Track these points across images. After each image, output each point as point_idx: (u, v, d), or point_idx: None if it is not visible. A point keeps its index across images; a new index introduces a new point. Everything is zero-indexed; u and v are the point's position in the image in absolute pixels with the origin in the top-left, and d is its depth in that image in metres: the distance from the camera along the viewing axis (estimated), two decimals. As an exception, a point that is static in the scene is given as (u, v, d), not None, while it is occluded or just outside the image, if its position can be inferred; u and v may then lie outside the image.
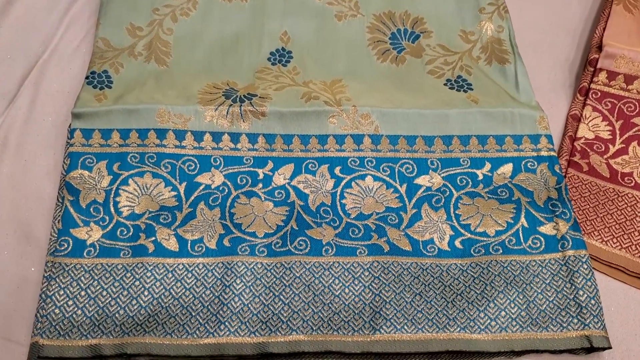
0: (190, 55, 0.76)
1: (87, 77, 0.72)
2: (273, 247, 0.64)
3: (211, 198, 0.66)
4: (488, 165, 0.69)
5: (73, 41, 0.79)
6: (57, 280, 0.61)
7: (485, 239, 0.66)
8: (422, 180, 0.69)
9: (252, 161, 0.69)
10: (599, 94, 0.75)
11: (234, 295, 0.61)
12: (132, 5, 0.78)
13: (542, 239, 0.65)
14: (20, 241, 0.65)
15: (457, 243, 0.65)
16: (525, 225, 0.66)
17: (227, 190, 0.67)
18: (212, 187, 0.67)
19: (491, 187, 0.68)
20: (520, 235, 0.66)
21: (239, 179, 0.68)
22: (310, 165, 0.69)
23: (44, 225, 0.66)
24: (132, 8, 0.78)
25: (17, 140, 0.71)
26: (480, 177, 0.69)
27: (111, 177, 0.66)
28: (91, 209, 0.65)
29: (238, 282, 0.62)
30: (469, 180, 0.69)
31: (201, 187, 0.67)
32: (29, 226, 0.66)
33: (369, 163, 0.69)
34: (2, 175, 0.69)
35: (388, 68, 0.77)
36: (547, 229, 0.66)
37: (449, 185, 0.68)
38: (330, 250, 0.64)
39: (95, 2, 0.82)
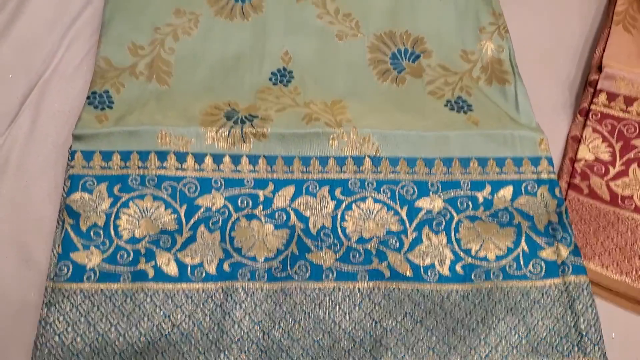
0: (192, 75, 0.76)
1: (88, 98, 0.72)
2: (273, 272, 0.64)
3: (211, 221, 0.66)
4: (488, 188, 0.69)
5: (74, 59, 0.79)
6: (57, 306, 0.61)
7: (485, 263, 0.66)
8: (423, 203, 0.69)
9: (252, 183, 0.69)
10: (599, 115, 0.75)
11: (233, 323, 0.61)
12: (134, 24, 0.78)
13: (542, 264, 0.65)
14: (20, 265, 0.65)
15: (458, 268, 0.65)
16: (526, 249, 0.66)
17: (227, 213, 0.67)
18: (213, 209, 0.67)
19: (492, 211, 0.68)
20: (521, 260, 0.66)
21: (239, 201, 0.68)
22: (310, 187, 0.69)
23: (44, 249, 0.66)
24: (134, 27, 0.78)
25: (17, 161, 0.71)
26: (481, 199, 0.69)
27: (112, 199, 0.66)
28: (91, 233, 0.65)
29: (238, 309, 0.62)
30: (470, 203, 0.69)
31: (201, 210, 0.67)
32: (28, 250, 0.66)
33: (370, 185, 0.69)
34: (2, 197, 0.69)
35: (388, 88, 0.77)
36: (547, 253, 0.66)
37: (450, 208, 0.68)
38: (331, 275, 0.64)
39: (97, 20, 0.82)
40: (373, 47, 0.80)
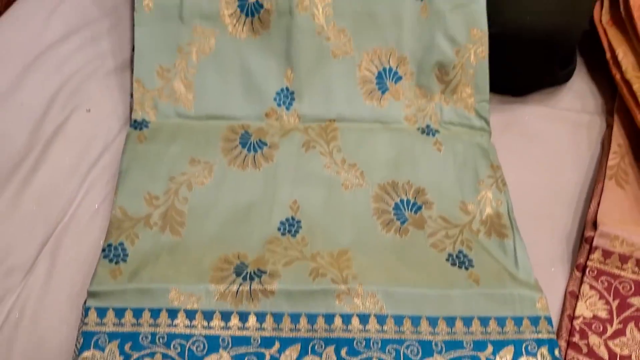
0: (204, 226, 0.79)
1: (103, 250, 0.75)
2: None
3: None
4: (490, 348, 0.71)
5: (91, 206, 0.82)
6: None
7: None
8: (427, 364, 0.70)
9: (259, 341, 0.70)
10: (595, 272, 0.78)
11: None
12: (150, 173, 0.83)
13: None
14: None
15: None
16: None
17: None
18: None
19: None
20: None
21: None
22: (317, 346, 0.70)
23: None
24: (150, 176, 0.82)
25: (32, 315, 0.73)
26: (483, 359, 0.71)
27: (122, 357, 0.68)
28: None
29: None
30: None
31: None
32: None
33: (375, 345, 0.71)
34: (15, 353, 0.70)
35: (392, 239, 0.80)
36: None
37: None
38: None
39: (114, 166, 0.86)
40: (377, 197, 0.84)
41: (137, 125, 0.88)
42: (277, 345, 0.70)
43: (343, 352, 0.70)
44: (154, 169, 0.83)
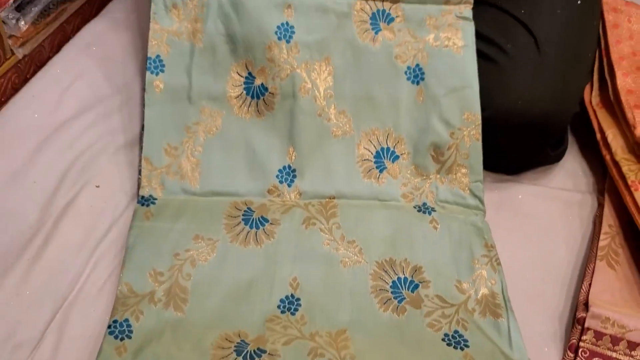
0: (206, 303, 0.81)
1: (109, 326, 0.77)
2: None
3: None
4: None
5: (98, 281, 0.85)
6: None
7: None
8: None
9: None
10: (588, 353, 0.80)
11: None
12: (156, 250, 0.85)
13: None
14: None
15: None
16: None
17: None
18: None
19: None
20: None
21: None
22: None
23: None
24: (156, 253, 0.85)
25: None
26: None
27: None
28: None
29: None
30: None
31: None
32: None
33: None
34: None
35: (390, 319, 0.82)
36: None
37: None
38: None
39: (122, 241, 0.89)
40: (375, 274, 0.87)
41: (144, 201, 0.91)
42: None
43: None
44: (159, 246, 0.86)
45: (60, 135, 0.98)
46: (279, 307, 0.82)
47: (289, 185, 0.95)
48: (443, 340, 0.80)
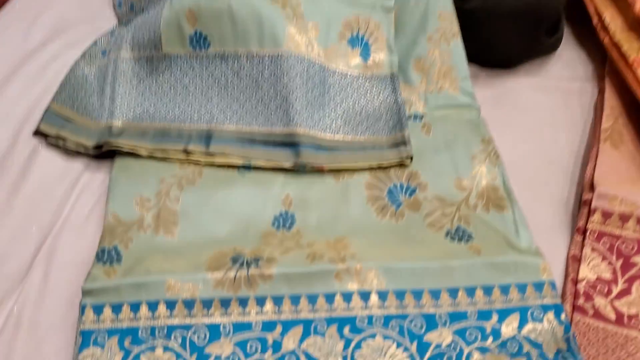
0: (197, 225, 0.78)
1: (97, 255, 0.74)
2: None
3: None
4: (495, 317, 0.70)
5: (84, 209, 0.82)
6: None
7: None
8: (432, 337, 0.69)
9: (260, 326, 0.69)
10: (596, 234, 0.77)
11: None
12: (140, 177, 0.82)
13: None
14: None
15: None
16: None
17: None
18: (222, 357, 0.67)
19: (500, 340, 0.69)
20: None
21: (248, 347, 0.68)
22: (319, 326, 0.69)
23: None
24: (141, 180, 0.82)
25: (29, 319, 0.72)
26: (489, 329, 0.69)
27: (123, 353, 0.67)
28: None
29: None
30: (478, 334, 0.69)
31: (211, 359, 0.67)
32: None
33: (378, 321, 0.70)
34: (15, 356, 0.69)
35: (388, 224, 0.79)
36: None
37: (459, 341, 0.68)
38: None
39: (106, 169, 0.85)
40: (369, 184, 0.83)
41: None
42: (279, 328, 0.69)
43: (346, 331, 0.69)
44: (144, 173, 0.82)
45: (29, 64, 0.93)
46: (273, 224, 0.79)
47: None
48: (446, 236, 0.77)
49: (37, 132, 0.86)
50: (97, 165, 0.86)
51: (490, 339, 0.69)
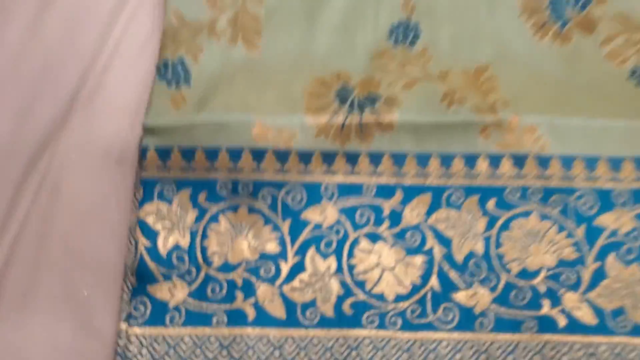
0: (288, 36, 0.59)
1: (158, 70, 0.56)
2: (409, 316, 0.50)
3: (323, 242, 0.52)
4: None
5: (141, 31, 0.61)
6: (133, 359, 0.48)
7: None
8: (607, 220, 0.52)
9: (374, 190, 0.53)
10: None
11: None
12: None
13: None
14: (76, 333, 0.52)
15: None
16: None
17: (343, 231, 0.52)
18: (324, 226, 0.52)
19: None
20: None
21: (358, 216, 0.52)
22: (453, 196, 0.53)
23: (107, 307, 0.52)
24: None
25: (69, 184, 0.55)
26: None
27: (197, 211, 0.52)
28: (173, 258, 0.51)
29: None
30: None
31: (310, 227, 0.52)
32: (86, 311, 0.52)
33: (534, 195, 0.53)
34: (54, 238, 0.54)
35: (550, 48, 0.59)
36: None
37: None
38: (487, 324, 0.50)
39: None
40: None
41: None
42: (399, 195, 0.53)
43: (490, 205, 0.53)
44: None
45: None
46: (390, 36, 0.59)
47: None
48: (631, 77, 0.57)
49: None
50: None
51: None
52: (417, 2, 0.60)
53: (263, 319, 0.50)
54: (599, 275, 0.51)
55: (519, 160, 0.53)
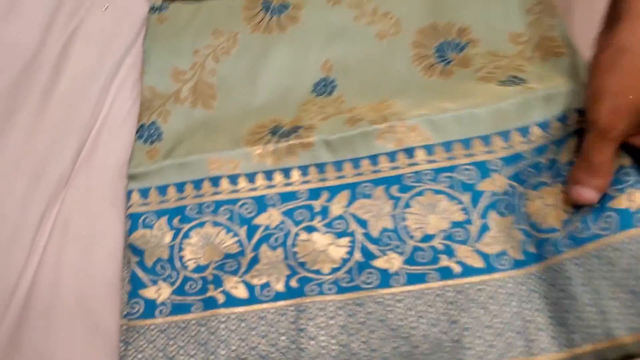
0: (235, 97, 0.76)
1: (137, 131, 0.74)
2: (341, 283, 0.63)
3: (272, 238, 0.66)
4: (553, 148, 0.64)
5: (123, 108, 0.80)
6: (134, 344, 0.62)
7: (553, 235, 0.60)
8: (486, 185, 0.65)
9: (307, 194, 0.68)
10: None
11: (309, 340, 0.60)
12: (174, 48, 0.80)
13: (614, 215, 0.57)
14: (86, 334, 0.66)
15: (531, 248, 0.61)
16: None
17: (286, 229, 0.66)
18: (272, 227, 0.66)
19: (556, 169, 0.63)
20: (589, 218, 0.59)
21: (296, 215, 0.67)
22: (365, 189, 0.67)
23: (112, 313, 0.67)
24: (175, 52, 0.79)
25: (78, 219, 0.72)
26: (545, 162, 0.64)
27: (173, 232, 0.67)
28: (157, 267, 0.66)
29: (311, 325, 0.61)
30: (534, 171, 0.64)
31: (261, 229, 0.66)
32: (95, 316, 0.67)
33: (426, 176, 0.66)
34: (66, 264, 0.70)
35: (436, 82, 0.73)
36: (619, 202, 0.57)
37: (515, 184, 0.64)
38: (400, 280, 0.62)
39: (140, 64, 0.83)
40: (416, 43, 0.76)
41: (155, 9, 0.84)
42: (325, 194, 0.67)
43: (394, 190, 0.66)
44: (177, 44, 0.79)
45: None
46: (313, 91, 0.75)
47: None
48: (498, 85, 0.69)
49: None
50: (133, 61, 0.84)
51: (546, 173, 0.63)
52: (334, 63, 0.76)
53: (230, 301, 0.63)
54: (483, 229, 0.63)
55: (410, 152, 0.66)
